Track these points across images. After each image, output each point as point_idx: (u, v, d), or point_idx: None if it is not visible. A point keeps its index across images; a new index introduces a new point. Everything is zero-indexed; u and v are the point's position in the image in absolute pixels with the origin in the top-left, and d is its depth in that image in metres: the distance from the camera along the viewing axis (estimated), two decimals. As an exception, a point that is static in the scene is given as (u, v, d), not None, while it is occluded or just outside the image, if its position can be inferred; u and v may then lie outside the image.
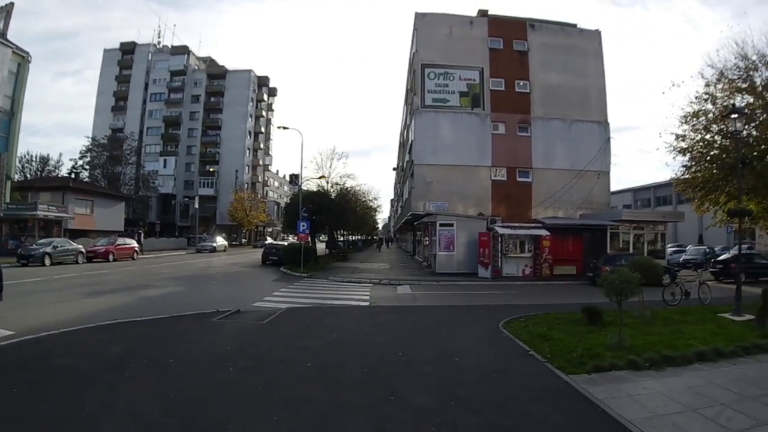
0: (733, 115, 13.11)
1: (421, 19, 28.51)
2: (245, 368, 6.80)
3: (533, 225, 24.87)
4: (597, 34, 30.08)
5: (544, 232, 23.34)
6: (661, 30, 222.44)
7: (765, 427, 5.04)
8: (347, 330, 9.88)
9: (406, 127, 36.51)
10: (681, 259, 29.58)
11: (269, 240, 57.66)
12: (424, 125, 27.36)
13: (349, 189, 40.34)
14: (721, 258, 24.50)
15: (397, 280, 21.20)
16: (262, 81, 78.02)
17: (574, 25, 30.99)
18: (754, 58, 21.68)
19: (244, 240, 68.26)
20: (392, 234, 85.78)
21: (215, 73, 73.10)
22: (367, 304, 14.64)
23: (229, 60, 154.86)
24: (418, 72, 27.95)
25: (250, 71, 73.78)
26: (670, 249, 32.01)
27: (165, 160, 67.44)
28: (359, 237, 67.20)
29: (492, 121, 27.71)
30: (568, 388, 6.27)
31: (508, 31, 29.07)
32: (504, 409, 5.48)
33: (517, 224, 24.76)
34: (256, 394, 5.68)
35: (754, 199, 22.53)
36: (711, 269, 22.70)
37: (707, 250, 32.01)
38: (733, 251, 23.64)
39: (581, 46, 29.60)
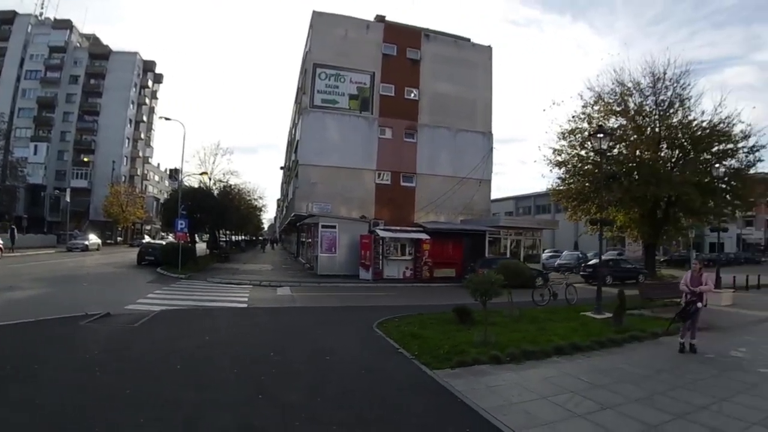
0: (599, 135, 14.27)
1: (318, 17, 27.97)
2: (113, 372, 6.58)
3: (415, 229, 25.42)
4: (488, 49, 31.58)
5: (424, 236, 23.88)
6: (553, 52, 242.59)
7: (608, 410, 5.37)
8: (222, 331, 9.72)
9: (294, 126, 35.81)
10: (556, 264, 31.91)
11: (147, 239, 53.74)
12: (311, 125, 26.88)
13: (232, 187, 38.79)
14: (590, 263, 26.45)
15: (278, 282, 20.61)
16: (148, 66, 71.82)
17: (468, 39, 32.30)
18: (630, 85, 24.13)
19: (119, 238, 62.46)
20: (278, 235, 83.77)
21: (98, 52, 65.86)
22: (245, 305, 14.24)
23: (114, 40, 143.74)
24: (309, 71, 27.42)
25: (135, 54, 67.79)
26: (546, 254, 34.52)
27: (36, 147, 59.12)
28: (243, 237, 65.09)
29: (379, 125, 27.89)
30: (431, 382, 6.59)
31: (403, 38, 29.49)
32: (370, 403, 5.71)
33: (398, 228, 25.13)
34: (124, 397, 5.52)
35: (622, 211, 24.82)
36: (581, 273, 24.69)
37: (580, 255, 34.89)
38: (604, 256, 25.84)
39: (472, 59, 30.82)
